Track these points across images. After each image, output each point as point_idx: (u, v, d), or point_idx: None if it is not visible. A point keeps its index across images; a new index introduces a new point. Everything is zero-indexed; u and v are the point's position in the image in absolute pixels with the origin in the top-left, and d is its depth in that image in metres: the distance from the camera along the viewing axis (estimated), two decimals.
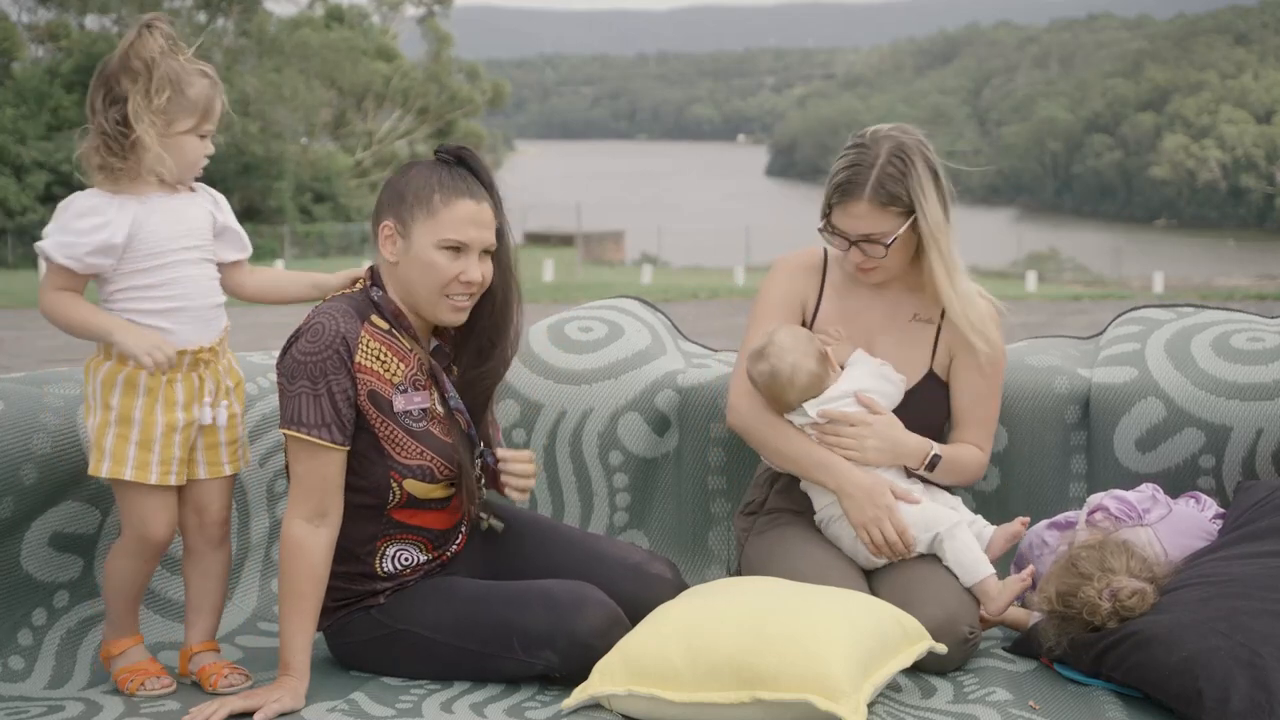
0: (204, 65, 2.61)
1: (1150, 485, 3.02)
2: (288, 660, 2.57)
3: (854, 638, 2.45)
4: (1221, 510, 2.98)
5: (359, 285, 2.74)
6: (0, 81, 43.84)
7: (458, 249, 2.65)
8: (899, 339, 3.07)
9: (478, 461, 2.79)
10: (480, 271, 2.68)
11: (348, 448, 2.63)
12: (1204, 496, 3.03)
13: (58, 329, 2.62)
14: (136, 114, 2.53)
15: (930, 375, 3.06)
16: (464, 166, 2.71)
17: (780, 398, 2.95)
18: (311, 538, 2.59)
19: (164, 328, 2.59)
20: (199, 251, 2.65)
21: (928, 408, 3.04)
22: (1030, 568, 2.87)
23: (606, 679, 2.48)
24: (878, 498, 2.90)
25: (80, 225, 2.55)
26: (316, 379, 2.59)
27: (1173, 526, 2.88)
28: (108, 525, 2.88)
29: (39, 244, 2.57)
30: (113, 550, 2.70)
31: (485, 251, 2.70)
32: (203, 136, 2.62)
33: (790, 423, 2.99)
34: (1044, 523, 3.03)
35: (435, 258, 2.65)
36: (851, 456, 2.94)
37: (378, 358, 2.66)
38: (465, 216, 2.66)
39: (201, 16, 48.11)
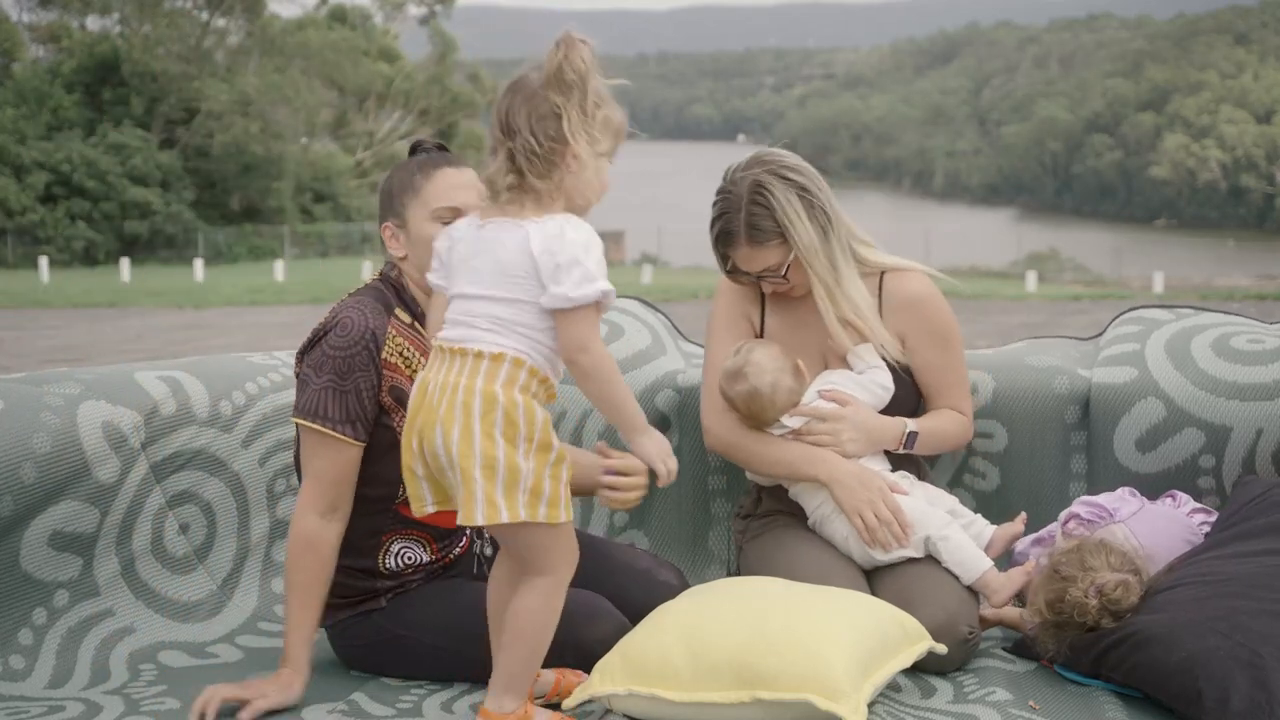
0: (616, 83, 2.38)
1: (1126, 489, 3.05)
2: (288, 653, 2.58)
3: (854, 638, 2.45)
4: (1200, 506, 3.00)
5: (376, 276, 2.76)
6: (0, 82, 43.87)
7: (452, 213, 2.64)
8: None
9: None
10: None
11: (365, 444, 2.63)
12: (1180, 494, 3.05)
13: (594, 391, 2.31)
14: (573, 131, 2.29)
15: (885, 363, 3.07)
16: (438, 150, 2.76)
17: (760, 416, 2.98)
18: (323, 532, 2.60)
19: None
20: None
21: (897, 393, 3.06)
22: (1033, 561, 2.87)
23: (606, 679, 2.47)
24: (869, 481, 2.93)
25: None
26: (344, 375, 2.60)
27: (1147, 522, 2.91)
28: (106, 525, 2.88)
29: (590, 289, 2.25)
30: (533, 603, 2.37)
31: None
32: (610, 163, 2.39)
33: (769, 433, 3.02)
34: (1029, 538, 3.05)
35: (434, 230, 2.62)
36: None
37: (401, 353, 2.68)
38: (449, 183, 2.68)
39: (204, 15, 48.10)
